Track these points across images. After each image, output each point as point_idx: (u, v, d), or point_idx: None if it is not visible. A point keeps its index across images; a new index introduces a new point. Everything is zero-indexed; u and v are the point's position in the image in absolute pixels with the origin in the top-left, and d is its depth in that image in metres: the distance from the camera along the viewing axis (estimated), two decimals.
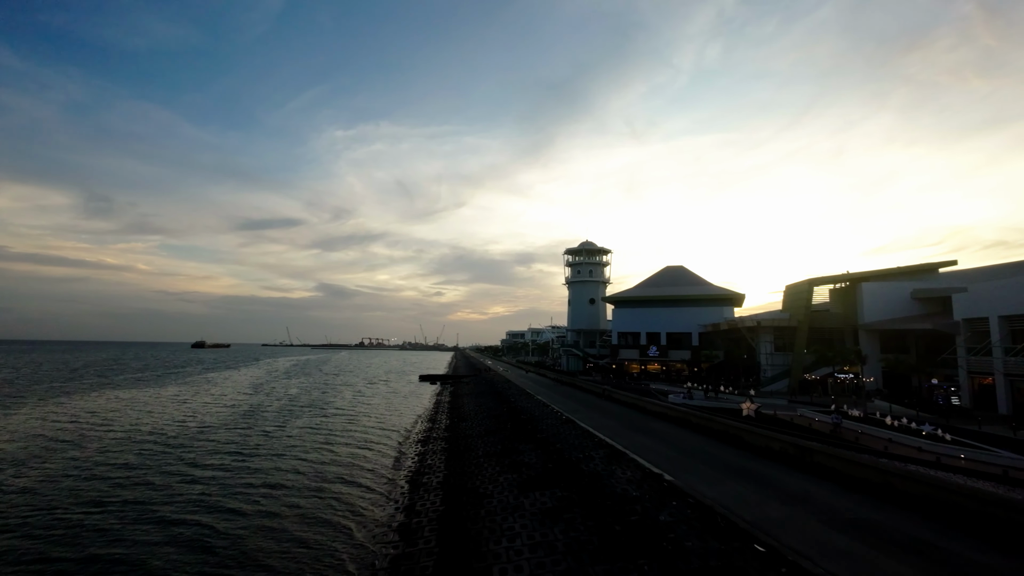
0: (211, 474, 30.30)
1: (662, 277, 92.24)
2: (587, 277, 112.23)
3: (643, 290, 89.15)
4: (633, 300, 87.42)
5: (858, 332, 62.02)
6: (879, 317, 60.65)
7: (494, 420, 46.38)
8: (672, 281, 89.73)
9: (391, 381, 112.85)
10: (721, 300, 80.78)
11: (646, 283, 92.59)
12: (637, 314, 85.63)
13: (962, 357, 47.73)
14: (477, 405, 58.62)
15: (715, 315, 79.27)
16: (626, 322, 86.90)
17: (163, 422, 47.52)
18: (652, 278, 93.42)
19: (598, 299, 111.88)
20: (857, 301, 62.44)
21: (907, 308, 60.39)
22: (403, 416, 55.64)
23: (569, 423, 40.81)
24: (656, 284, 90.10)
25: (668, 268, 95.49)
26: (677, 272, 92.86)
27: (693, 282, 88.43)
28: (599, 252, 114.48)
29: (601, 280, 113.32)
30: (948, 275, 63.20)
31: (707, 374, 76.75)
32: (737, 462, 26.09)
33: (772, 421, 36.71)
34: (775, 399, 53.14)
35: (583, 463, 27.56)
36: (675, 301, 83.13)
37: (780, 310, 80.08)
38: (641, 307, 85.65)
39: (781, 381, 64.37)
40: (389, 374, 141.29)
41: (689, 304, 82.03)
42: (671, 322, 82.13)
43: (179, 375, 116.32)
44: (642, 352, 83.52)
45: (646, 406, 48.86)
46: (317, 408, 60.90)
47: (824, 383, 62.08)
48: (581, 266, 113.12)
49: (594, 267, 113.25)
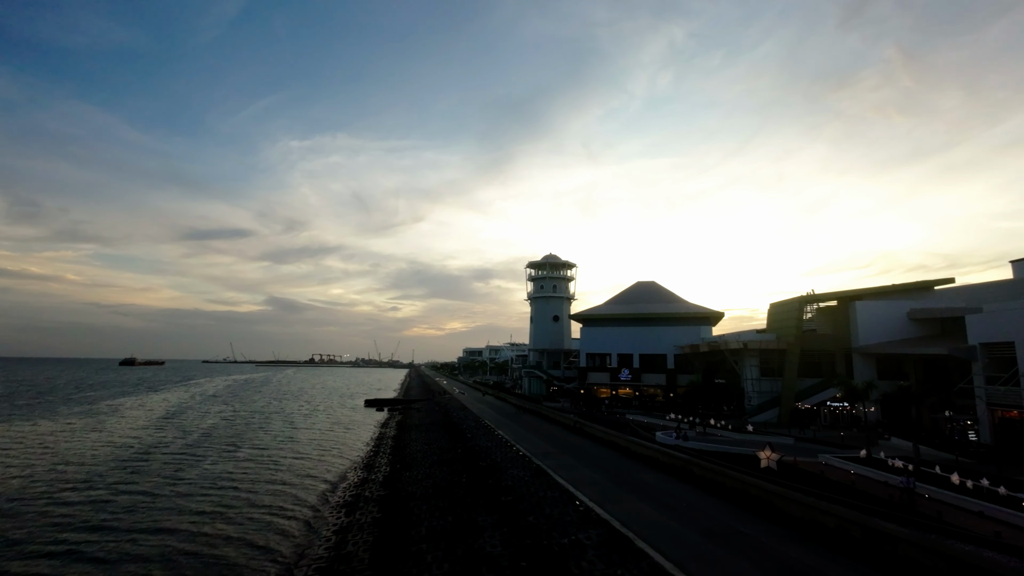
0: None
1: (633, 293, 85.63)
2: (551, 292, 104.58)
3: (613, 307, 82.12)
4: (603, 318, 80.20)
5: (852, 356, 56.44)
6: (875, 339, 55.28)
7: (446, 468, 37.06)
8: (644, 298, 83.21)
9: (333, 407, 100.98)
10: (698, 319, 74.61)
11: (616, 300, 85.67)
12: (607, 334, 78.34)
13: (980, 387, 42.15)
14: (427, 443, 48.98)
15: (691, 335, 72.89)
16: (595, 342, 79.38)
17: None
18: (622, 295, 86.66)
19: (563, 316, 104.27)
20: (850, 321, 56.99)
21: (904, 330, 55.31)
22: (334, 460, 45.33)
23: (541, 474, 32.08)
24: (627, 301, 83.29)
25: (639, 284, 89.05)
26: (649, 288, 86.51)
27: (666, 299, 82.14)
28: (564, 266, 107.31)
29: (566, 296, 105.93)
30: (944, 293, 58.86)
31: (684, 401, 69.81)
32: (785, 552, 18.26)
33: (797, 474, 29.16)
34: (775, 436, 46.13)
35: (570, 556, 19.03)
36: (648, 320, 76.36)
37: (763, 330, 74.51)
38: (611, 326, 78.46)
39: (770, 411, 57.88)
40: (333, 397, 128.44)
41: (663, 323, 75.41)
42: (644, 343, 75.20)
43: (82, 401, 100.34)
44: (613, 376, 76.05)
45: (630, 447, 40.76)
46: (230, 448, 49.67)
47: (818, 413, 55.97)
48: (544, 281, 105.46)
49: (558, 282, 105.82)
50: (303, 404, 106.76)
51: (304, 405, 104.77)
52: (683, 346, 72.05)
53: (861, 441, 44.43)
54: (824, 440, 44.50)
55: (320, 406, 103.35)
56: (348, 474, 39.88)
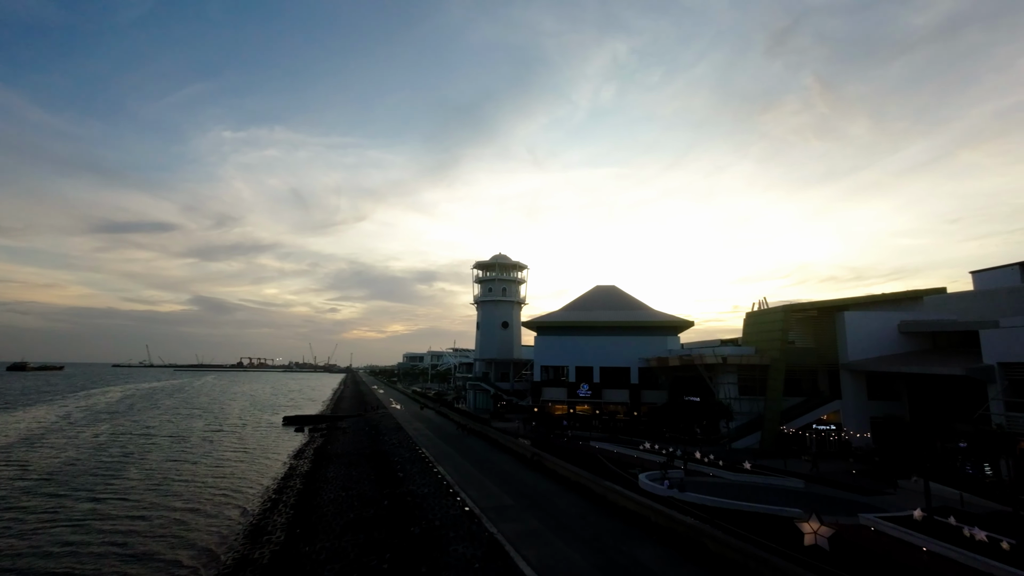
0: None
1: (592, 299, 77.54)
2: (500, 296, 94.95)
3: (571, 314, 73.59)
4: (559, 326, 71.39)
5: (838, 373, 50.43)
6: (864, 354, 49.45)
7: (364, 535, 26.43)
8: (604, 304, 75.26)
9: (244, 426, 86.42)
10: (665, 328, 67.30)
11: (573, 306, 77.25)
12: (564, 344, 69.59)
13: (1000, 414, 36.33)
14: (345, 486, 37.91)
15: (658, 346, 65.44)
16: (550, 353, 70.40)
17: None
18: (580, 300, 78.37)
19: (513, 322, 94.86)
20: (838, 334, 51.00)
21: (894, 344, 49.86)
22: (208, 524, 33.29)
23: (498, 555, 22.18)
24: (585, 307, 75.09)
25: (598, 288, 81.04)
26: (609, 293, 78.67)
27: (629, 305, 74.50)
28: (514, 267, 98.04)
29: (516, 300, 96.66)
30: (934, 302, 54.20)
31: (648, 420, 62.11)
32: None
33: (858, 556, 20.81)
34: (777, 476, 38.43)
35: None
36: (610, 329, 68.25)
37: (728, 340, 68.14)
38: (569, 335, 69.80)
39: (750, 436, 50.76)
40: (250, 411, 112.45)
41: (627, 332, 67.53)
42: (605, 354, 67.04)
43: None
44: (570, 391, 67.35)
45: (607, 495, 31.68)
46: (67, 499, 36.33)
47: (804, 438, 49.41)
48: (493, 283, 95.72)
49: (508, 284, 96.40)
50: (209, 421, 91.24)
51: (210, 423, 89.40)
52: (649, 359, 64.39)
53: (874, 479, 37.72)
54: (833, 479, 37.23)
55: (228, 424, 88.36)
56: (220, 554, 28.15)
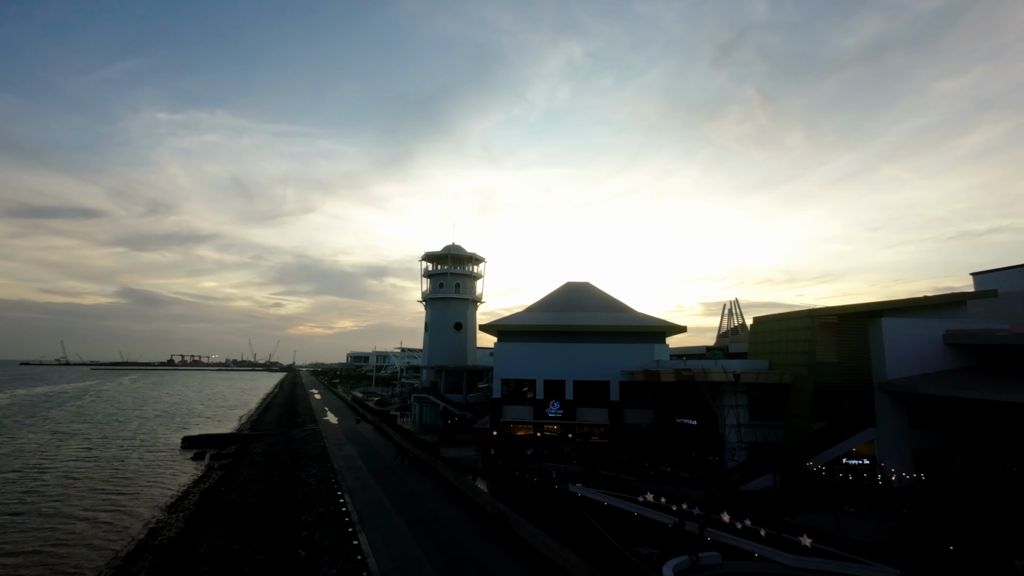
0: None
1: (562, 299, 65.66)
2: (452, 293, 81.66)
3: (538, 317, 61.35)
4: (524, 331, 59.03)
5: (872, 394, 40.62)
6: (906, 371, 39.82)
7: None
8: (577, 304, 63.58)
9: (131, 449, 69.71)
10: (652, 333, 56.29)
11: (541, 306, 65.11)
12: (530, 352, 57.33)
13: None
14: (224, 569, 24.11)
15: (643, 356, 54.38)
16: (514, 364, 57.92)
17: None
18: (549, 299, 66.34)
19: (468, 324, 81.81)
20: (871, 345, 41.17)
21: (938, 358, 40.53)
22: None
23: None
24: (555, 308, 63.15)
25: (570, 286, 69.27)
26: (582, 291, 67.03)
27: (608, 306, 63.07)
28: (470, 260, 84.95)
29: (471, 298, 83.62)
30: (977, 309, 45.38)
31: (634, 446, 50.94)
32: None
33: None
34: (860, 565, 27.22)
35: None
36: (587, 334, 56.51)
37: (727, 350, 57.85)
38: (536, 341, 57.63)
39: (764, 476, 39.99)
40: (150, 425, 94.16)
41: (607, 339, 56.01)
42: (580, 365, 55.37)
43: None
44: (538, 410, 55.32)
45: None
46: None
47: (835, 477, 39.21)
48: (445, 277, 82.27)
49: (462, 280, 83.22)
50: (88, 443, 73.55)
51: (89, 445, 71.89)
52: (634, 371, 53.08)
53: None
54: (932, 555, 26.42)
55: (113, 447, 71.21)
56: None
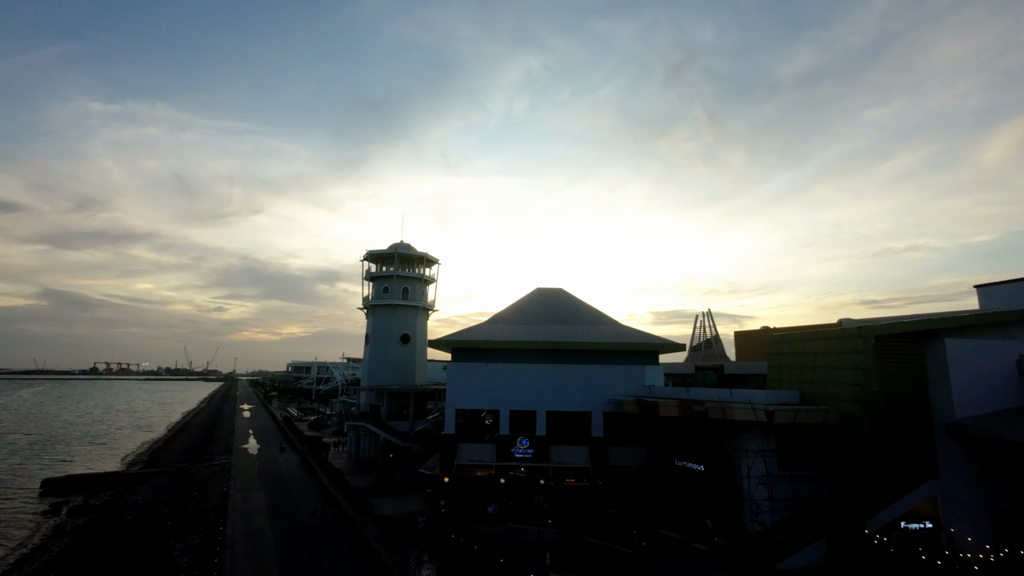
0: None
1: (532, 307, 54.53)
2: (399, 299, 69.15)
3: (503, 331, 49.80)
4: (486, 347, 47.45)
5: (934, 438, 31.48)
6: (978, 407, 30.93)
7: None
8: (549, 314, 52.67)
9: None
10: (643, 352, 45.87)
11: (506, 317, 53.69)
12: (493, 374, 45.84)
13: None
14: None
15: (632, 380, 44.06)
16: (472, 389, 46.18)
17: None
18: (516, 308, 55.05)
19: (417, 336, 69.39)
20: (931, 374, 32.07)
21: (1013, 390, 31.92)
22: None
23: None
24: (523, 319, 51.95)
25: (541, 292, 58.26)
26: (555, 299, 56.18)
27: (587, 318, 52.40)
28: (420, 260, 72.68)
29: (421, 305, 71.33)
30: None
31: (620, 495, 40.29)
32: None
33: None
34: None
35: None
36: (564, 352, 45.54)
37: (723, 371, 48.21)
38: (501, 361, 46.24)
39: (812, 546, 30.07)
40: (16, 459, 76.00)
41: (589, 359, 45.26)
42: (556, 392, 44.39)
43: None
44: (502, 450, 43.85)
45: None
46: None
47: (889, 543, 29.68)
48: (391, 281, 69.63)
49: (412, 284, 70.82)
50: None
51: None
52: (623, 400, 42.47)
53: None
54: None
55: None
56: None
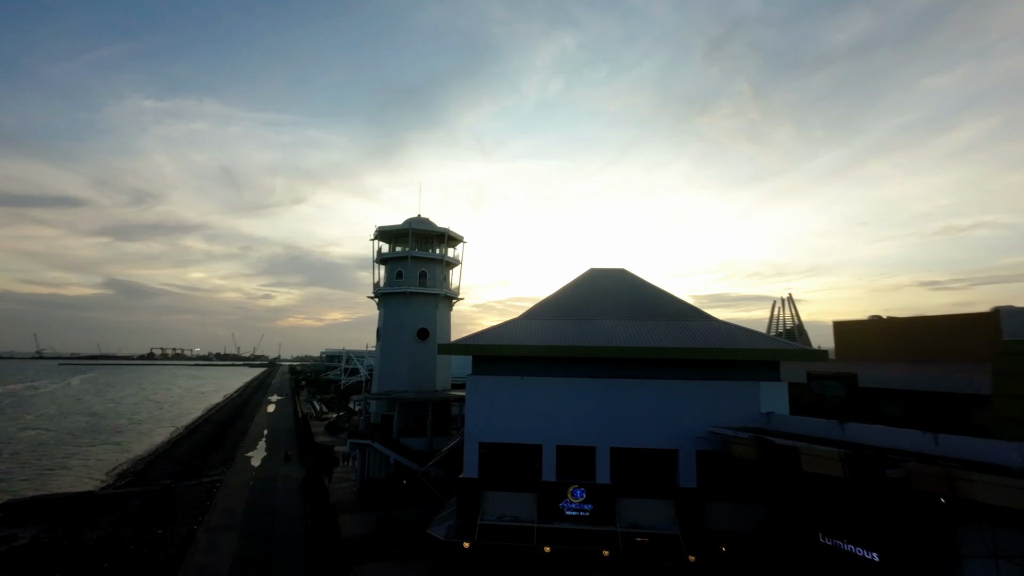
0: None
1: (582, 294, 39.96)
2: (415, 286, 56.09)
3: (543, 331, 35.14)
4: (518, 354, 33.16)
5: None
6: None
7: None
8: (609, 305, 38.03)
9: None
10: (758, 361, 30.70)
11: (548, 309, 39.21)
12: (530, 394, 31.86)
13: None
14: None
15: (738, 403, 29.42)
16: (501, 415, 32.29)
17: None
18: (561, 296, 40.62)
19: (436, 331, 56.23)
20: None
21: None
22: None
23: None
24: (572, 311, 37.54)
25: (595, 273, 43.63)
26: (615, 283, 41.45)
27: (664, 310, 37.28)
28: (440, 238, 59.18)
29: (443, 293, 57.96)
30: None
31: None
32: None
33: None
34: None
35: None
36: (634, 362, 30.82)
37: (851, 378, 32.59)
38: (540, 373, 32.16)
39: None
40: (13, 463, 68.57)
41: (673, 372, 30.50)
42: (623, 421, 30.07)
43: None
44: (547, 502, 30.16)
45: None
46: None
47: None
48: (404, 264, 56.63)
49: (430, 267, 57.58)
50: None
51: None
52: (730, 437, 27.87)
53: None
54: None
55: None
56: None
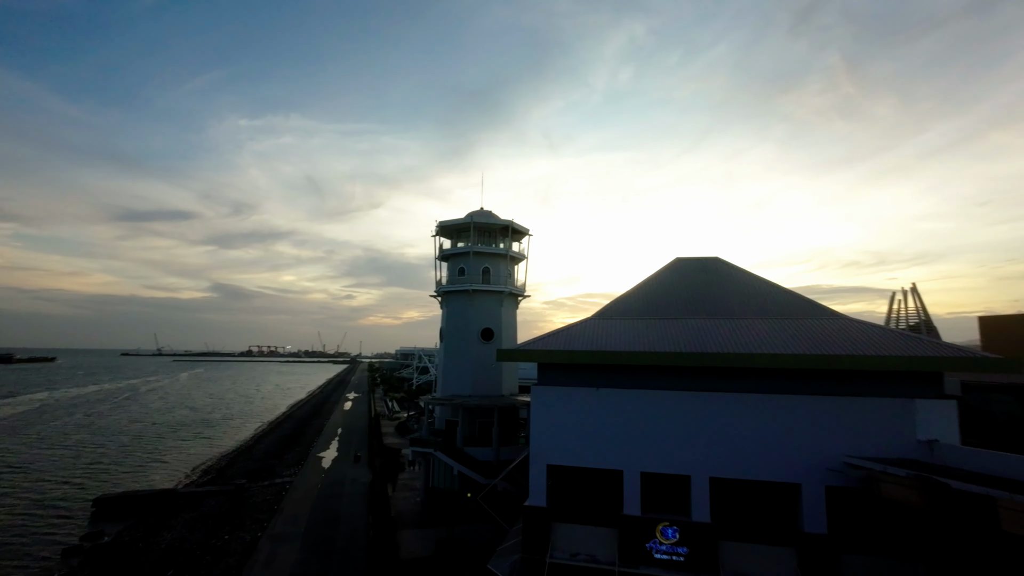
0: None
1: (671, 289, 33.95)
2: (478, 283, 52.18)
3: (620, 332, 29.99)
4: (591, 361, 27.79)
5: None
6: None
7: None
8: (702, 301, 31.82)
9: (39, 503, 46.44)
10: (914, 373, 23.45)
11: (627, 306, 33.67)
12: (608, 409, 26.61)
13: None
14: None
15: (884, 425, 22.57)
16: (572, 434, 27.10)
17: None
18: (644, 291, 34.91)
19: (502, 330, 52.02)
20: None
21: None
22: None
23: None
24: (656, 309, 31.77)
25: (682, 263, 37.33)
26: (707, 274, 35.06)
27: (772, 307, 30.53)
28: (505, 232, 54.84)
29: (507, 290, 53.59)
30: None
31: None
32: None
33: None
34: None
35: None
36: (738, 373, 24.62)
37: None
38: (620, 384, 26.78)
39: None
40: (117, 454, 73.13)
41: (787, 381, 23.97)
42: (726, 444, 24.17)
43: None
44: (630, 539, 24.92)
45: None
46: None
47: None
48: (467, 259, 52.93)
49: (494, 262, 53.45)
50: None
51: None
52: (878, 473, 21.15)
53: None
54: None
55: (17, 495, 48.93)
56: None
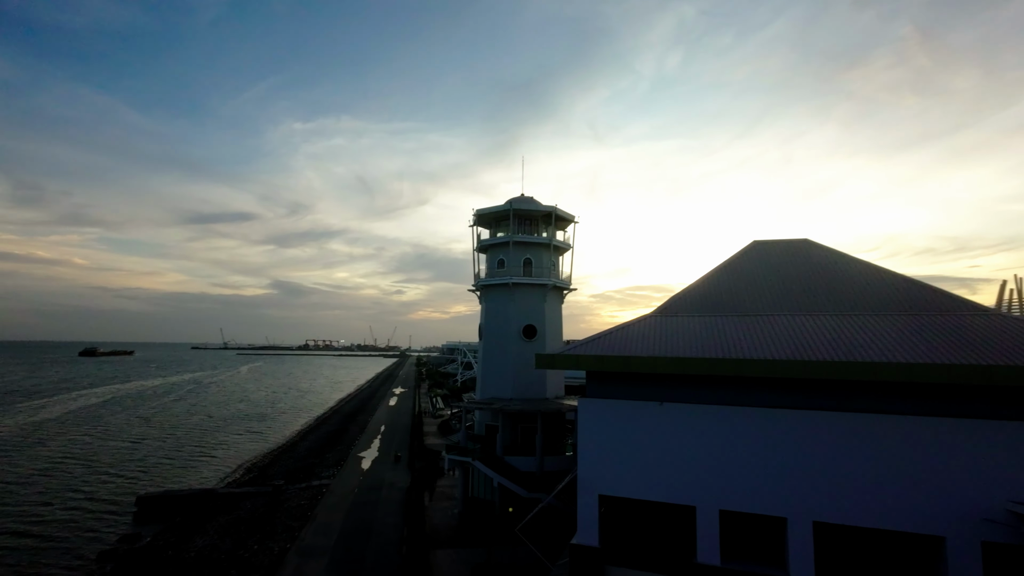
0: None
1: (748, 278, 28.14)
2: (519, 275, 47.42)
3: (687, 331, 24.41)
4: (651, 369, 22.46)
5: None
6: None
7: None
8: (793, 293, 26.04)
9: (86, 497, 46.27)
10: None
11: (693, 299, 28.05)
12: (673, 429, 21.31)
13: None
14: None
15: None
16: (627, 458, 22.10)
17: None
18: (714, 281, 29.11)
19: (546, 327, 47.10)
20: None
21: None
22: None
23: None
24: (730, 304, 26.03)
25: (758, 247, 31.25)
26: (796, 260, 29.03)
27: (900, 300, 24.38)
28: (548, 219, 49.71)
29: (551, 283, 48.48)
30: None
31: None
32: None
33: None
34: None
35: None
36: (849, 389, 18.61)
37: None
38: (688, 398, 21.36)
39: None
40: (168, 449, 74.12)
41: (934, 402, 17.88)
42: (833, 477, 18.59)
43: None
44: None
45: None
46: None
47: None
48: (506, 250, 48.30)
49: (536, 253, 48.54)
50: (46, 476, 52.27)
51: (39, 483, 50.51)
52: None
53: None
54: None
55: (59, 490, 49.17)
56: None
